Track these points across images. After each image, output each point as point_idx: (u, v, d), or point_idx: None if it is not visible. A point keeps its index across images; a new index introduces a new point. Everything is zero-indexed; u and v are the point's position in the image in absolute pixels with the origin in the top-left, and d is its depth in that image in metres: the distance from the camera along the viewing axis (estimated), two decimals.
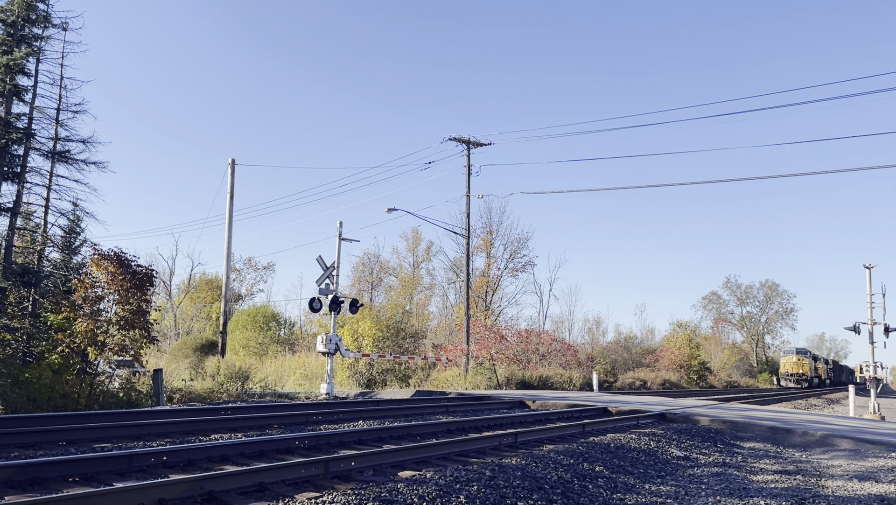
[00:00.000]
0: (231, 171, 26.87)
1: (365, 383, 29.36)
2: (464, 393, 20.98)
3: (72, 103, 18.84)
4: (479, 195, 31.20)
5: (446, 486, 6.11)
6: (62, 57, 18.70)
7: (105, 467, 6.32)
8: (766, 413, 16.89)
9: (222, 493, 5.55)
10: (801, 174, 78.52)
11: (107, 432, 8.91)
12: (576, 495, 6.63)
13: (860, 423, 16.44)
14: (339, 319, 24.98)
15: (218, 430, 9.99)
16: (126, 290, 16.36)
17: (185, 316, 55.00)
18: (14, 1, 17.51)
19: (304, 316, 53.21)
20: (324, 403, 15.14)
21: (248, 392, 20.79)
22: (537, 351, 32.60)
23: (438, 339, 40.30)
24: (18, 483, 5.67)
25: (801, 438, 12.26)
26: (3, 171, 17.04)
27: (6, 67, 17.04)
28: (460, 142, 29.97)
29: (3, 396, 14.38)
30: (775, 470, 9.05)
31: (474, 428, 11.17)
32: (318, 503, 5.32)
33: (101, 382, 16.49)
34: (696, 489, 7.45)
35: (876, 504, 6.66)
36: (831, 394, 51.77)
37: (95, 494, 4.94)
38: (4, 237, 17.30)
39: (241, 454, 7.52)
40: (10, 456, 7.19)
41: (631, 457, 9.23)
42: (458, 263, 43.63)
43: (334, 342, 21.64)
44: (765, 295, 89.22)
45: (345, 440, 8.93)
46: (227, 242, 26.50)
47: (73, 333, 15.66)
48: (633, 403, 17.27)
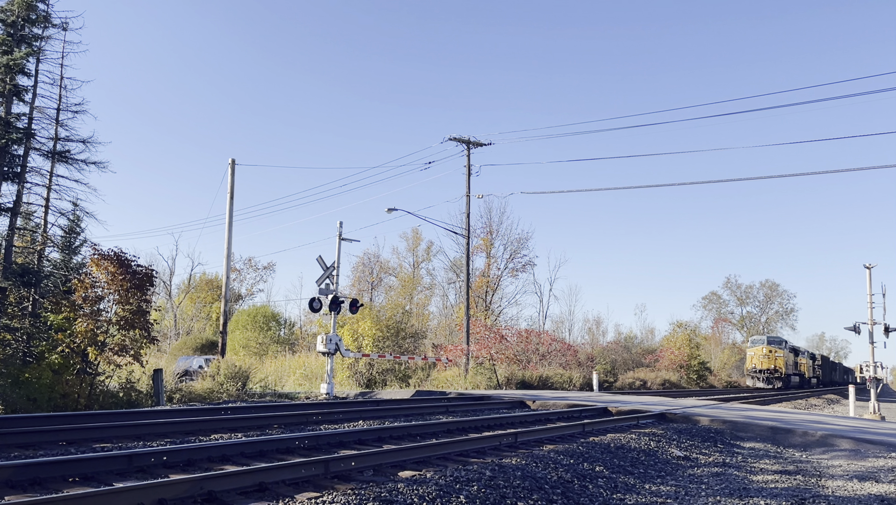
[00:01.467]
0: (231, 171, 26.87)
1: (365, 383, 29.35)
2: (464, 393, 20.97)
3: (72, 103, 18.85)
4: (479, 195, 31.23)
5: (446, 486, 6.11)
6: (62, 57, 18.71)
7: (105, 467, 6.31)
8: (766, 413, 16.89)
9: (222, 493, 5.55)
10: (801, 174, 78.55)
11: (107, 432, 8.90)
12: (576, 495, 6.63)
13: (860, 423, 16.44)
14: (339, 319, 24.98)
15: (218, 430, 9.98)
16: (126, 290, 16.36)
17: (185, 316, 55.02)
18: (14, 1, 17.50)
19: (304, 316, 53.26)
20: (324, 403, 15.14)
21: (248, 392, 20.79)
22: (537, 351, 32.60)
23: (438, 339, 40.30)
24: (18, 483, 5.66)
25: (801, 438, 12.26)
26: (3, 171, 17.04)
27: (6, 67, 17.04)
28: (460, 142, 29.96)
29: (3, 396, 14.38)
30: (775, 470, 9.05)
31: (474, 428, 11.17)
32: (318, 503, 5.32)
33: (100, 381, 16.49)
34: (697, 489, 7.44)
35: (876, 504, 6.66)
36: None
37: (95, 494, 4.94)
38: (4, 237, 17.29)
39: (241, 454, 7.52)
40: (10, 456, 7.19)
41: (631, 457, 9.23)
42: (458, 262, 43.63)
43: (334, 342, 21.63)
44: (765, 295, 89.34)
45: (345, 440, 8.92)
46: (227, 242, 26.50)
47: (73, 332, 15.66)
48: (633, 403, 17.26)
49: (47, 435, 8.29)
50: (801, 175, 78.37)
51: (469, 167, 29.94)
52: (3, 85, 17.17)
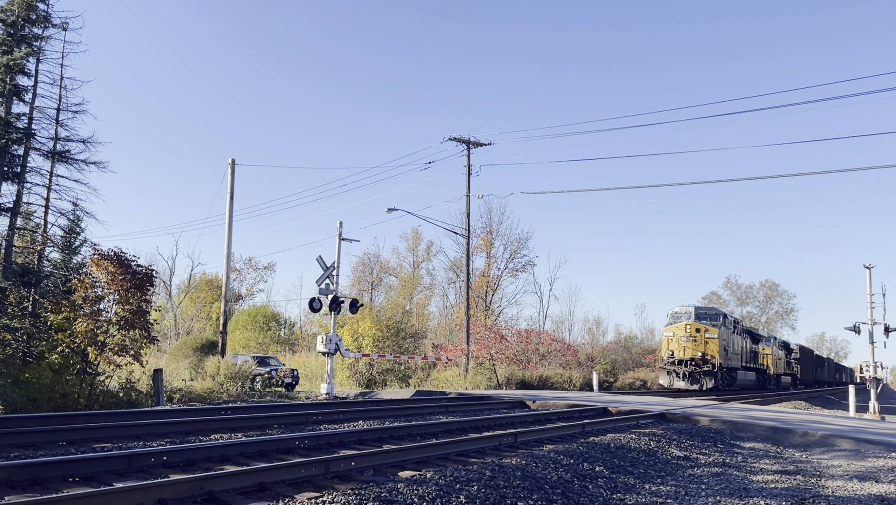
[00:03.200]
0: (231, 171, 26.87)
1: (365, 383, 29.36)
2: (464, 393, 20.98)
3: (72, 103, 18.83)
4: (479, 195, 31.23)
5: (446, 486, 6.11)
6: (62, 57, 18.70)
7: (105, 467, 6.31)
8: (766, 413, 16.89)
9: (222, 493, 5.55)
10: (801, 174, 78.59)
11: (107, 432, 8.91)
12: (576, 495, 6.63)
13: (860, 423, 16.45)
14: (339, 319, 24.98)
15: (218, 430, 9.99)
16: (126, 290, 16.35)
17: (185, 316, 55.00)
18: (14, 1, 17.49)
19: (304, 316, 53.28)
20: (324, 403, 15.15)
21: (247, 392, 20.80)
22: (537, 351, 32.60)
23: (438, 339, 40.31)
24: (18, 483, 5.66)
25: (801, 438, 12.26)
26: (3, 171, 17.04)
27: (6, 67, 17.03)
28: (460, 142, 29.97)
29: (3, 396, 14.38)
30: (775, 470, 9.05)
31: (474, 428, 11.17)
32: (318, 503, 5.32)
33: (100, 381, 16.49)
34: (696, 489, 7.44)
35: (876, 504, 6.65)
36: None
37: (95, 494, 4.94)
38: (4, 237, 17.29)
39: (241, 454, 7.52)
40: (10, 456, 7.19)
41: (631, 457, 9.23)
42: (458, 262, 43.64)
43: (334, 342, 21.64)
44: (765, 295, 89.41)
45: (345, 440, 8.93)
46: (227, 242, 26.50)
47: (73, 332, 15.65)
48: (633, 403, 17.26)
49: (47, 435, 8.29)
50: (801, 175, 78.44)
51: (469, 167, 29.96)
52: (3, 85, 17.17)
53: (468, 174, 29.93)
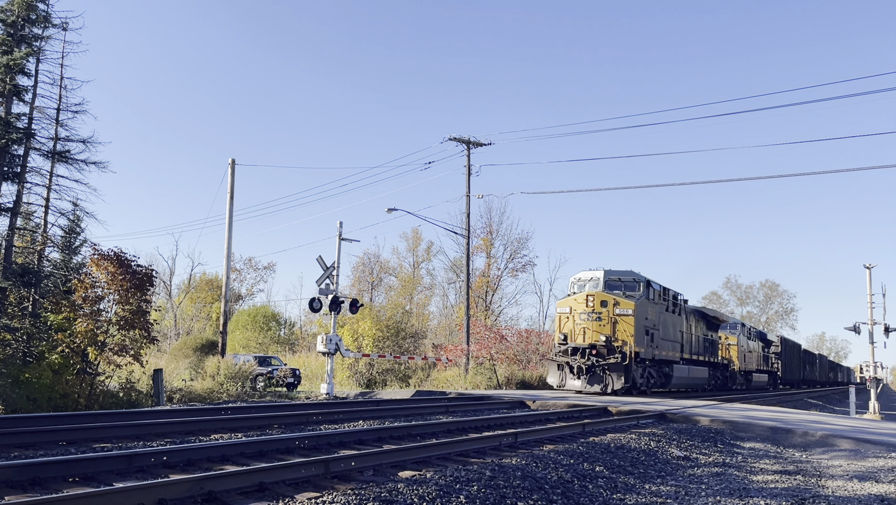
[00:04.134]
0: (231, 171, 26.87)
1: (365, 383, 29.36)
2: (464, 393, 20.97)
3: (72, 103, 18.85)
4: (479, 195, 31.22)
5: (446, 486, 6.10)
6: (62, 57, 18.72)
7: (105, 467, 6.31)
8: (766, 413, 16.89)
9: (222, 493, 5.55)
10: (801, 174, 78.64)
11: (107, 432, 8.90)
12: (576, 495, 6.63)
13: (860, 423, 16.45)
14: (339, 319, 24.97)
15: (218, 430, 9.98)
16: (126, 290, 16.35)
17: (185, 316, 55.01)
18: (14, 1, 17.50)
19: (304, 316, 53.34)
20: (324, 403, 15.14)
21: (248, 392, 20.80)
22: (537, 351, 32.57)
23: (438, 339, 40.31)
24: (18, 483, 5.66)
25: (801, 438, 12.26)
26: (3, 171, 17.04)
27: (6, 67, 17.03)
28: (460, 142, 29.95)
29: (3, 396, 14.38)
30: (775, 470, 9.05)
31: (474, 428, 11.16)
32: (318, 503, 5.32)
33: (100, 382, 16.49)
34: (697, 489, 7.44)
35: (876, 504, 6.65)
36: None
37: (95, 494, 4.94)
38: (4, 237, 17.29)
39: (241, 454, 7.51)
40: (10, 456, 7.19)
41: (631, 457, 9.22)
42: (458, 262, 43.62)
43: (334, 342, 21.63)
44: (765, 295, 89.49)
45: (345, 440, 8.92)
46: (227, 242, 26.49)
47: (73, 333, 15.65)
48: (632, 403, 17.25)
49: (47, 435, 8.29)
50: (801, 175, 78.49)
51: (469, 167, 29.94)
52: (3, 85, 17.17)
53: (468, 174, 29.93)
